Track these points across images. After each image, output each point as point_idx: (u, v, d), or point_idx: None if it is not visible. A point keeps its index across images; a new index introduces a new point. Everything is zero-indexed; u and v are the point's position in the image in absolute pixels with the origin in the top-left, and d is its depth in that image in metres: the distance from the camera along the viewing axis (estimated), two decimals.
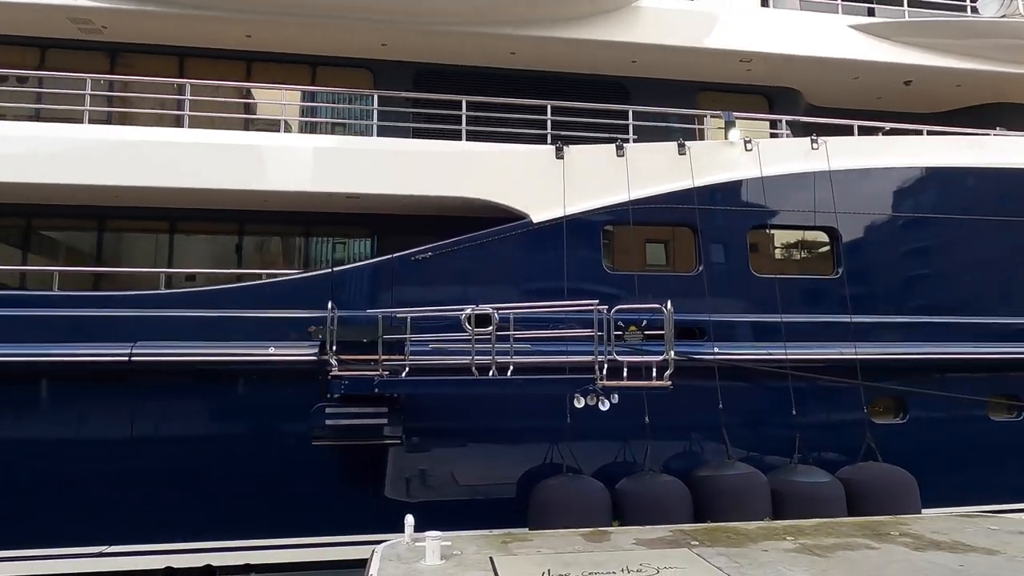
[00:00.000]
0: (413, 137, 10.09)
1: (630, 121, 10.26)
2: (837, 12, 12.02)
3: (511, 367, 7.66)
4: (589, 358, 7.41)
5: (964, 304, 10.32)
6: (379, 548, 6.80)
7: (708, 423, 9.15)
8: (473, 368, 7.44)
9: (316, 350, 8.19)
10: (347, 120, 11.13)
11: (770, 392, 9.46)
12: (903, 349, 9.90)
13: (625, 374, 7.27)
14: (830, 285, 10.07)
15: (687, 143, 9.88)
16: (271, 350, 8.27)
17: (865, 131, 10.95)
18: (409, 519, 6.93)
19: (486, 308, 7.69)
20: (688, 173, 9.75)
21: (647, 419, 8.49)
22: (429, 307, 8.19)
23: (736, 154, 10.03)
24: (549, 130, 9.96)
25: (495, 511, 8.57)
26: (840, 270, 10.10)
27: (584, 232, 9.39)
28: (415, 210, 9.92)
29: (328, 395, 8.00)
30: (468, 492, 8.86)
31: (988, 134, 11.17)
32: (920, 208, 10.40)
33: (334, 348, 7.83)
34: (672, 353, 7.11)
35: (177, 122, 9.70)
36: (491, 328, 7.52)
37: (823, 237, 10.33)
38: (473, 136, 9.82)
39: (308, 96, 11.27)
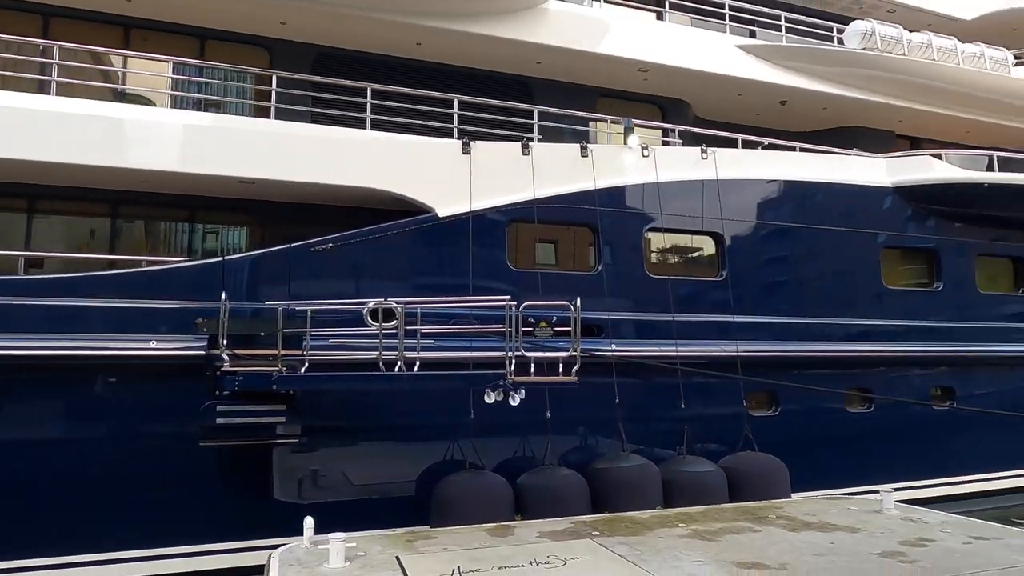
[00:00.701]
0: (312, 123, 9.63)
1: (535, 121, 10.40)
2: (725, 32, 12.83)
3: (418, 363, 7.54)
4: (499, 354, 7.43)
5: (825, 306, 11.35)
6: (276, 553, 6.46)
7: (604, 417, 9.50)
8: (381, 364, 7.24)
9: (205, 344, 7.63)
10: (239, 100, 10.41)
11: (660, 387, 9.94)
12: (776, 347, 10.76)
13: (533, 370, 7.37)
14: (715, 286, 10.74)
15: (589, 146, 10.17)
16: (153, 343, 7.60)
17: (747, 144, 11.77)
18: (308, 521, 6.65)
19: (392, 302, 7.52)
20: (589, 175, 10.04)
21: (548, 414, 8.64)
22: (332, 300, 7.88)
23: (634, 159, 10.45)
24: (456, 124, 9.88)
25: (394, 510, 8.40)
26: (724, 273, 10.80)
27: (489, 229, 9.41)
28: (309, 199, 9.48)
29: (218, 392, 7.47)
30: (366, 491, 8.60)
31: (848, 154, 12.38)
32: (792, 218, 11.31)
33: (225, 342, 7.34)
34: (578, 349, 7.29)
35: (41, 88, 8.67)
36: (398, 323, 7.36)
37: (710, 241, 10.98)
38: (376, 126, 9.54)
39: (196, 72, 10.44)
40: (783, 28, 13.37)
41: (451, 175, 9.36)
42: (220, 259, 8.31)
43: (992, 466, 12.77)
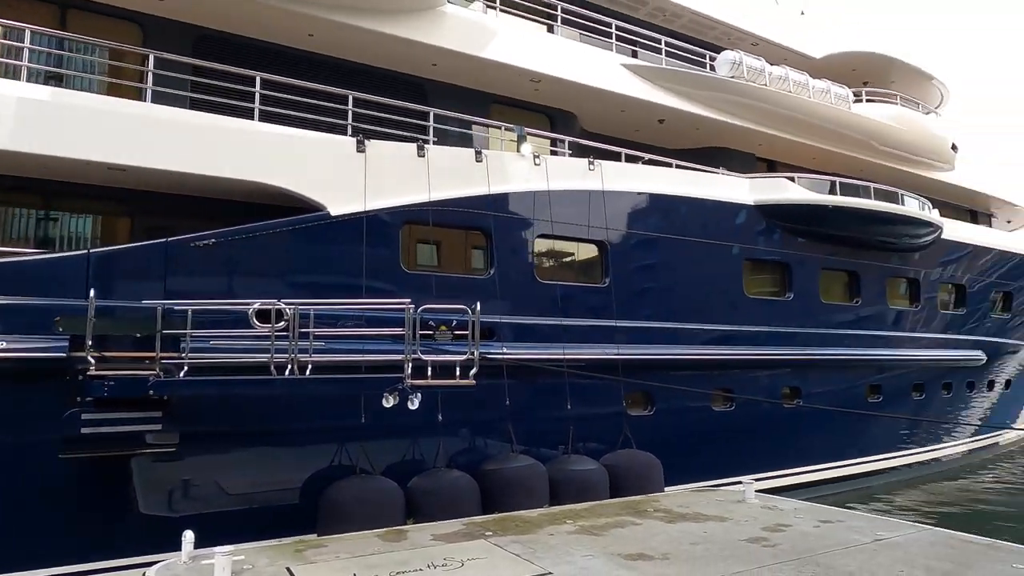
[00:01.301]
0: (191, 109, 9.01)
1: (431, 123, 10.38)
2: (612, 50, 13.47)
3: (310, 366, 7.31)
4: (398, 357, 7.36)
5: (695, 312, 12.23)
6: (151, 571, 6.01)
7: (493, 419, 9.67)
8: (272, 367, 6.93)
9: (66, 346, 6.92)
10: (107, 78, 9.52)
11: (547, 389, 10.27)
12: (653, 350, 11.46)
13: (429, 373, 7.38)
14: (599, 292, 11.25)
15: (484, 151, 10.32)
16: (2, 344, 6.79)
17: (629, 159, 12.43)
18: (188, 535, 6.26)
19: (282, 303, 7.24)
20: (484, 180, 10.19)
21: (440, 417, 8.66)
22: (215, 300, 7.43)
23: (526, 167, 10.72)
24: (350, 121, 9.65)
25: (277, 519, 8.08)
26: (607, 280, 11.35)
27: (383, 229, 9.28)
28: (189, 190, 8.87)
29: (82, 398, 6.82)
30: (249, 500, 8.19)
31: (717, 172, 13.43)
32: (669, 230, 12.07)
33: (91, 343, 6.72)
34: (477, 353, 7.39)
35: None
36: (290, 324, 7.09)
37: (595, 249, 11.49)
38: (264, 118, 9.09)
39: (54, 44, 9.40)
40: (663, 51, 14.23)
41: (344, 173, 9.13)
42: (86, 252, 7.57)
43: (833, 456, 14.39)
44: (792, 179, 13.99)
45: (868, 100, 17.23)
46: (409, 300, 7.43)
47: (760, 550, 6.67)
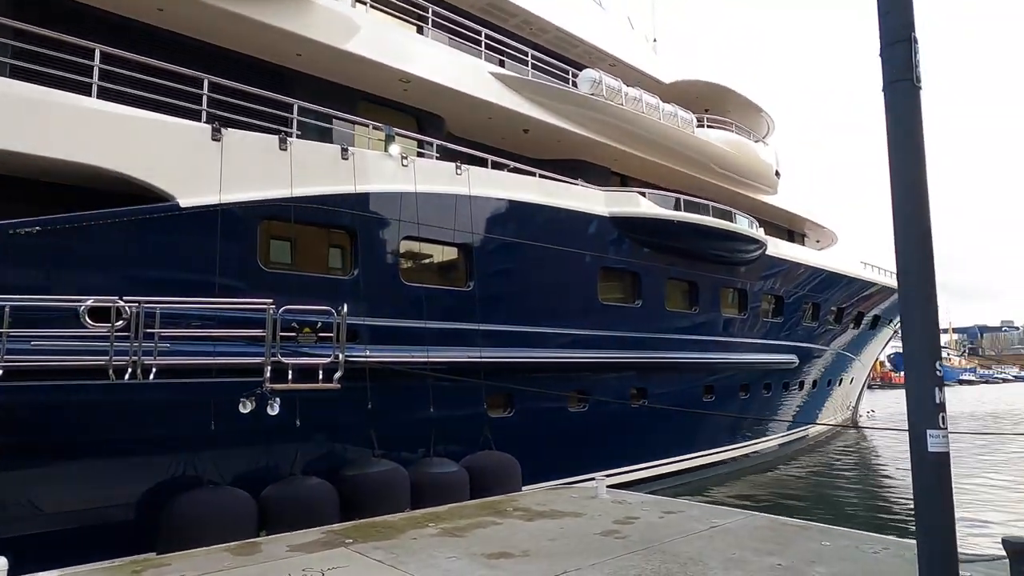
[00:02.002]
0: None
1: (294, 115, 9.93)
2: (480, 58, 13.68)
3: (154, 369, 6.72)
4: (256, 360, 6.96)
5: (554, 317, 12.74)
6: None
7: (352, 423, 9.45)
8: (111, 371, 6.28)
9: None
10: None
11: (409, 392, 10.21)
12: (514, 353, 11.77)
13: (290, 376, 7.06)
14: (463, 296, 11.37)
15: (351, 148, 10.06)
16: None
17: (495, 165, 12.68)
18: (2, 562, 5.52)
19: (122, 301, 6.60)
20: (350, 178, 9.94)
21: (297, 422, 8.31)
22: (40, 296, 6.61)
23: (394, 167, 10.60)
24: (204, 107, 8.99)
25: (112, 538, 7.34)
26: (472, 283, 11.50)
27: (240, 224, 8.75)
28: (3, 170, 7.80)
29: None
30: (76, 519, 7.34)
31: (577, 184, 14.08)
32: (531, 237, 12.47)
33: None
34: (343, 356, 7.18)
35: None
36: (132, 324, 6.48)
37: (460, 253, 11.60)
38: (104, 95, 8.23)
39: None
40: (529, 64, 14.69)
41: (197, 162, 8.50)
42: None
43: (674, 452, 15.59)
44: (643, 194, 15.01)
45: (709, 125, 18.91)
46: (271, 300, 7.06)
47: (612, 542, 7.08)
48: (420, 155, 12.14)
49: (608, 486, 9.91)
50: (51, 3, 9.22)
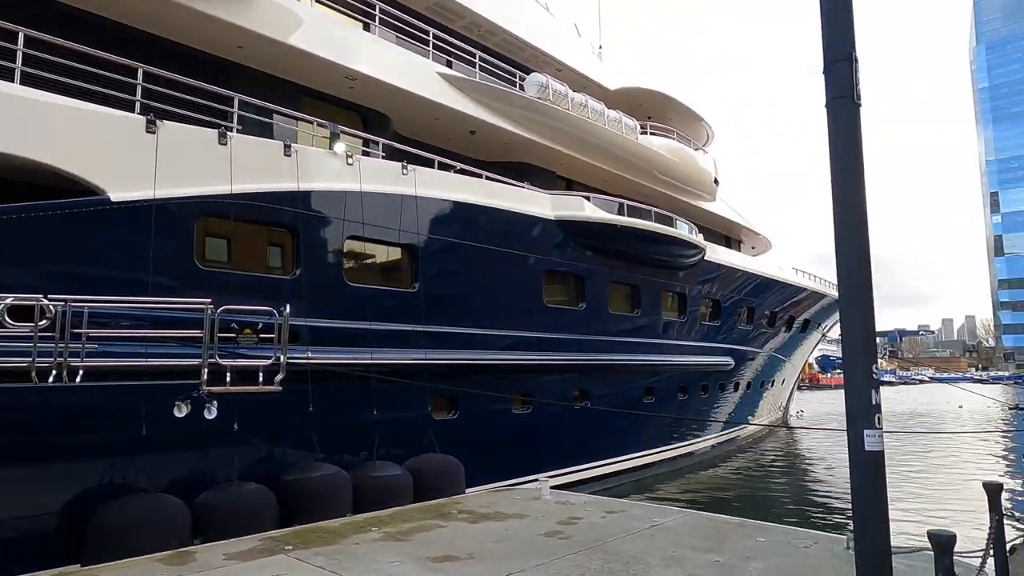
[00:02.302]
0: None
1: (235, 109, 9.63)
2: (428, 58, 13.58)
3: (81, 371, 6.39)
4: (193, 361, 6.70)
5: (500, 319, 12.77)
6: None
7: (294, 426, 9.23)
8: (33, 374, 5.93)
9: None
10: None
11: (353, 394, 10.04)
12: (460, 355, 11.73)
13: (229, 379, 6.84)
14: (408, 297, 11.26)
15: (295, 145, 9.83)
16: None
17: (442, 166, 12.60)
18: None
19: (45, 299, 6.26)
20: (293, 175, 9.70)
21: (235, 426, 8.05)
22: None
23: (339, 166, 10.41)
24: (139, 97, 8.61)
25: (31, 550, 6.93)
26: (417, 284, 11.40)
27: (176, 220, 8.41)
28: None
29: None
30: None
31: (523, 187, 14.16)
32: (478, 239, 12.46)
33: None
34: (284, 358, 7.00)
35: None
36: (58, 324, 6.15)
37: (406, 254, 11.48)
38: (27, 81, 7.77)
39: None
40: (477, 66, 14.68)
41: (130, 155, 8.13)
42: None
43: (616, 452, 15.84)
44: (588, 198, 15.21)
45: (651, 132, 19.34)
46: (209, 300, 6.82)
47: (556, 542, 7.15)
48: (366, 154, 11.98)
49: (552, 487, 9.99)
50: None
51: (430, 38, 13.77)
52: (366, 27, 13.22)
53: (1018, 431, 29.05)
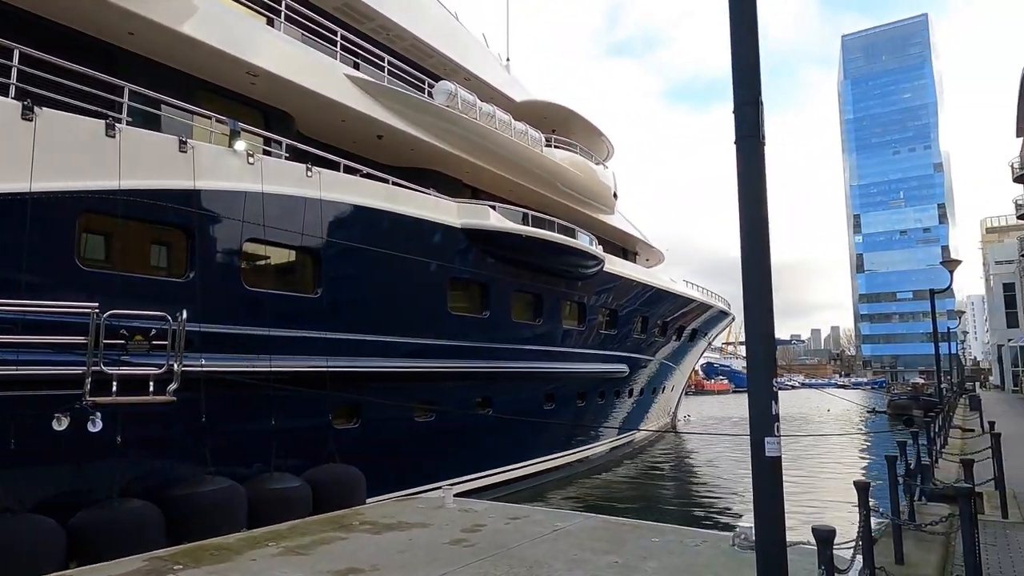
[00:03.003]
0: None
1: (125, 100, 9.02)
2: (336, 59, 13.29)
3: None
4: (75, 370, 6.19)
5: (404, 326, 12.65)
6: None
7: (185, 437, 8.73)
8: None
9: None
10: None
11: (250, 403, 9.62)
12: (363, 363, 11.52)
13: (115, 388, 6.38)
14: (311, 302, 10.94)
15: (191, 141, 9.33)
16: None
17: (348, 170, 12.35)
18: None
19: None
20: (188, 172, 9.21)
21: (118, 438, 7.52)
22: None
23: (239, 165, 9.98)
24: (14, 80, 7.89)
25: None
26: (320, 290, 11.10)
27: (54, 216, 7.75)
28: None
29: None
30: None
31: (431, 194, 14.13)
32: (384, 245, 12.27)
33: None
34: (179, 366, 6.62)
35: None
36: None
37: (309, 258, 11.15)
38: None
39: None
40: (385, 69, 14.52)
41: (3, 142, 7.43)
42: None
43: (518, 458, 16.05)
44: (494, 207, 15.40)
45: (556, 146, 19.87)
46: (96, 304, 6.34)
47: (461, 550, 7.19)
48: (267, 153, 11.53)
49: (455, 495, 10.01)
50: None
51: (338, 39, 13.49)
52: (270, 22, 12.76)
53: (875, 432, 32.07)
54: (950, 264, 20.33)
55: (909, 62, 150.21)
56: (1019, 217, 51.36)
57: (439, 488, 10.24)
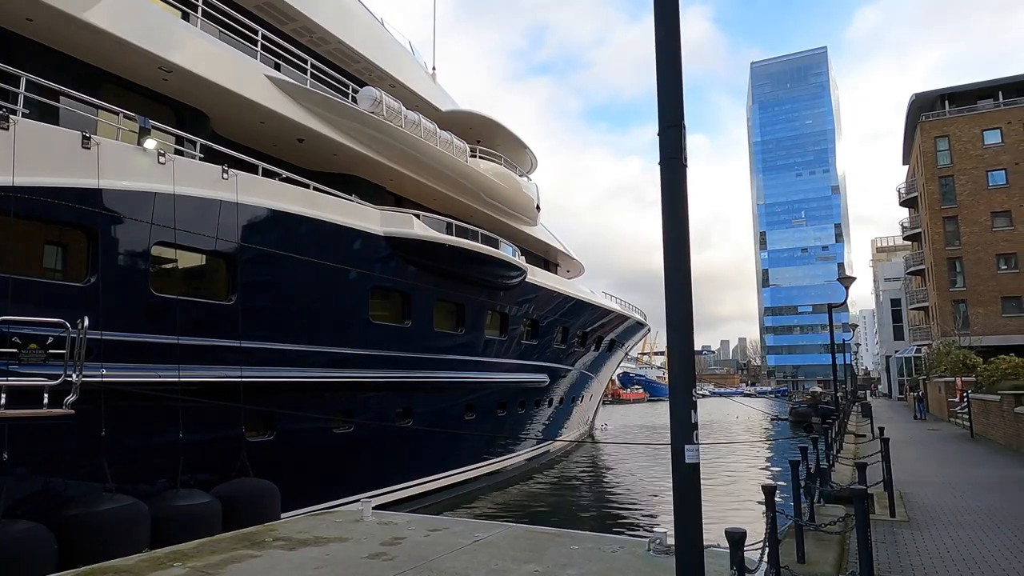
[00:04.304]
0: None
1: (21, 90, 8.40)
2: (256, 58, 12.85)
3: None
4: None
5: (324, 335, 12.32)
6: None
7: (81, 452, 8.16)
8: None
9: None
10: None
11: (154, 415, 9.11)
12: (279, 373, 11.14)
13: (3, 400, 5.90)
14: (224, 309, 10.49)
15: (95, 137, 8.79)
16: None
17: (266, 173, 11.95)
18: None
19: None
20: (91, 170, 8.67)
21: (4, 455, 6.95)
22: None
23: (148, 164, 9.48)
24: None
25: None
26: (234, 297, 10.66)
27: None
28: None
29: None
30: None
31: (353, 200, 13.87)
32: (304, 251, 11.92)
33: None
34: (78, 377, 6.19)
35: None
36: None
37: (223, 263, 10.70)
38: None
39: None
40: (308, 72, 14.17)
41: None
42: None
43: (438, 469, 15.90)
44: (417, 216, 15.28)
45: (481, 156, 19.97)
46: None
47: (380, 564, 7.05)
48: (179, 153, 11.00)
49: (374, 507, 9.80)
50: None
51: (259, 38, 13.07)
52: (186, 17, 12.22)
53: (779, 439, 33.84)
54: (845, 280, 21.79)
55: (810, 91, 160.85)
56: (905, 238, 55.89)
57: (358, 501, 10.00)
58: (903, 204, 52.41)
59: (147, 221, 9.34)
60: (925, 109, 45.42)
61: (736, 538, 3.32)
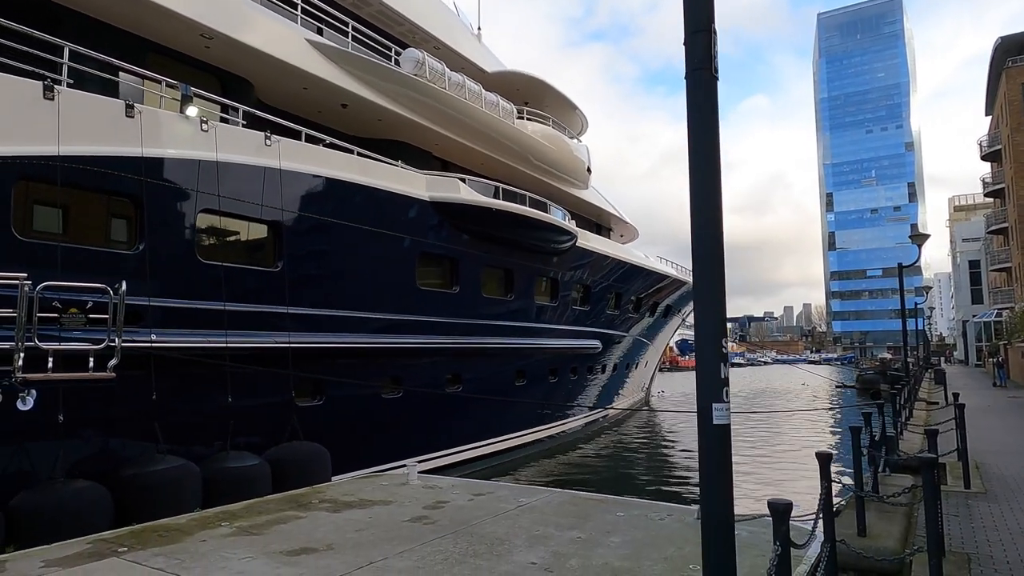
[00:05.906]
0: None
1: (65, 60, 8.49)
2: (297, 23, 12.73)
3: None
4: (3, 345, 5.82)
5: (371, 301, 12.32)
6: None
7: (135, 416, 8.39)
8: None
9: None
10: None
11: (205, 380, 9.29)
12: (327, 339, 11.20)
13: (51, 365, 6.03)
14: (270, 276, 10.57)
15: (139, 106, 8.84)
16: None
17: (310, 139, 11.90)
18: None
19: None
20: (136, 139, 8.74)
21: (60, 417, 7.17)
22: None
23: (191, 131, 9.52)
24: None
25: None
26: (280, 263, 10.72)
27: None
28: None
29: None
30: None
31: (398, 166, 13.73)
32: (349, 217, 11.88)
33: None
34: (119, 341, 6.27)
35: None
36: None
37: (268, 230, 10.75)
38: None
39: None
40: (350, 36, 13.98)
41: None
42: None
43: (487, 434, 15.90)
44: (463, 180, 15.02)
45: (528, 118, 19.47)
46: (25, 275, 5.94)
47: (422, 528, 7.00)
48: (224, 121, 11.04)
49: (421, 471, 9.82)
50: None
51: (299, 2, 12.92)
52: None
53: (844, 407, 32.60)
54: (918, 238, 20.47)
55: (882, 41, 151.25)
56: (986, 195, 52.26)
57: (405, 465, 10.03)
58: (984, 158, 48.89)
59: (192, 189, 9.41)
60: (1012, 54, 41.89)
61: (780, 509, 2.98)
